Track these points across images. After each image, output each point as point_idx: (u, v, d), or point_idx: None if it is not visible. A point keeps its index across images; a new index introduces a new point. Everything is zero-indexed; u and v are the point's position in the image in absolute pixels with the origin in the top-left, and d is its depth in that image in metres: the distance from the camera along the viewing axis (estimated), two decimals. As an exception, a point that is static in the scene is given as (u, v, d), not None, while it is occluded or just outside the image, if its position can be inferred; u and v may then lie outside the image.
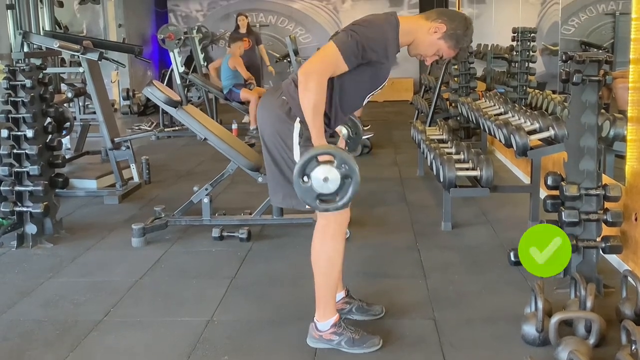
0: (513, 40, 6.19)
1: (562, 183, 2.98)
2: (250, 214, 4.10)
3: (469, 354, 2.49)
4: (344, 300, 2.78)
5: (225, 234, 3.88)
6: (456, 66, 6.82)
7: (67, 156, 5.15)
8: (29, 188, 3.81)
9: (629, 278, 2.64)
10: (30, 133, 3.82)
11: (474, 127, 6.36)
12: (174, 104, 4.04)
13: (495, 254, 3.55)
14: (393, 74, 2.64)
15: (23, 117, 3.87)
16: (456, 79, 6.87)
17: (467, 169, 4.07)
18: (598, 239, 2.97)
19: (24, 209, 3.82)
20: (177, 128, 7.90)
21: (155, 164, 5.82)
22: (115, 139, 5.05)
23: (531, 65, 6.01)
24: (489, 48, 7.40)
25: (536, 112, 4.16)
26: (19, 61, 4.19)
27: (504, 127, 4.07)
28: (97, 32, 11.31)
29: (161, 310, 2.96)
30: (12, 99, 3.89)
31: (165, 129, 7.90)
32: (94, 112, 5.74)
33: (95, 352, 2.58)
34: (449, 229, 4.02)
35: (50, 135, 3.98)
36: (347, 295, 2.80)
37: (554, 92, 5.08)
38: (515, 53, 6.14)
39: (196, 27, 10.56)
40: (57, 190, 4.11)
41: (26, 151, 3.82)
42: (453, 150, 4.49)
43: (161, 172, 5.85)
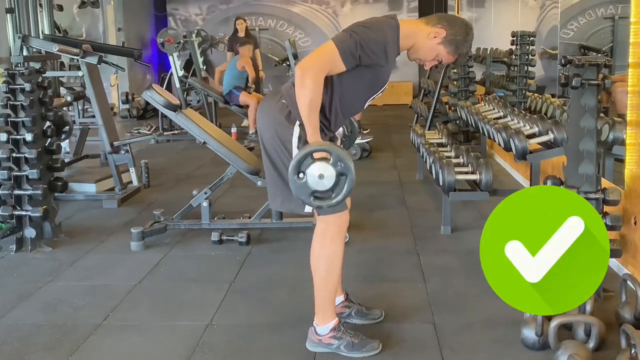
0: (512, 44, 6.19)
1: (562, 187, 2.98)
2: (249, 218, 4.10)
3: (469, 358, 2.48)
4: (343, 304, 2.77)
5: (224, 238, 3.87)
6: (455, 70, 6.83)
7: (66, 160, 5.15)
8: (28, 192, 3.81)
9: (629, 282, 2.63)
10: (29, 137, 3.83)
11: (474, 131, 6.37)
12: (173, 108, 4.04)
13: (494, 258, 3.54)
14: (392, 78, 2.63)
15: (22, 121, 3.87)
16: (455, 83, 6.88)
17: (467, 173, 4.08)
18: (597, 243, 2.96)
19: (23, 213, 3.82)
20: (177, 132, 7.90)
21: (154, 168, 5.83)
22: (114, 143, 5.06)
23: (530, 69, 6.01)
24: (488, 52, 7.40)
25: (535, 116, 4.16)
26: (19, 65, 4.19)
27: (503, 131, 4.07)
28: (97, 36, 11.33)
29: (160, 314, 2.96)
30: (12, 103, 3.90)
31: (164, 133, 7.90)
32: (93, 116, 5.75)
33: (94, 356, 2.57)
34: (449, 233, 4.02)
35: (49, 138, 3.98)
36: (347, 299, 2.79)
37: (553, 96, 5.08)
38: (514, 57, 6.14)
39: (195, 31, 10.60)
40: (56, 194, 4.12)
41: (25, 155, 3.82)
42: (452, 154, 4.50)
43: (160, 176, 5.85)
